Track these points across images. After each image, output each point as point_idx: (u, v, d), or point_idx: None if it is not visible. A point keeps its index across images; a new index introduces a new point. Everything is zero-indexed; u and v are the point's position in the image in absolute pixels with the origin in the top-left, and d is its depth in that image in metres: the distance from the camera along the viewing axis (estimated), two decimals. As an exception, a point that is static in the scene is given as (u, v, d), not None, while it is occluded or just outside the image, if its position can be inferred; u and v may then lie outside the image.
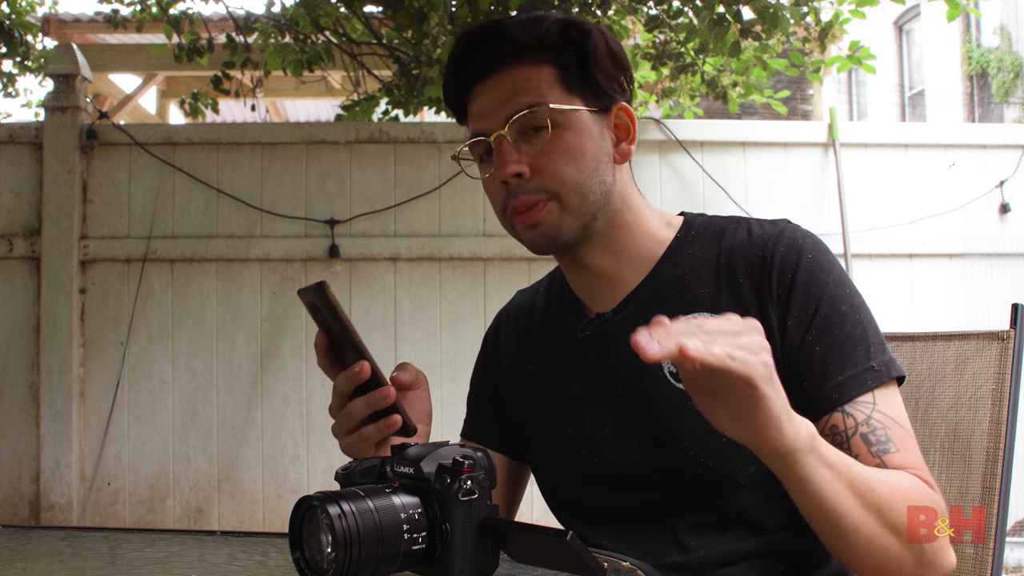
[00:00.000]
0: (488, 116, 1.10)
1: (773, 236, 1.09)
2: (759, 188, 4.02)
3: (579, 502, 1.15)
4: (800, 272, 1.05)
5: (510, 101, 1.08)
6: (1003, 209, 4.09)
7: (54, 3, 6.23)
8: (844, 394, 1.00)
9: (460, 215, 3.92)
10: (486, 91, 1.10)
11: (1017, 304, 1.23)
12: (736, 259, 1.09)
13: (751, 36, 3.81)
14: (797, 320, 1.04)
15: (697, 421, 1.01)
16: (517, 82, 1.08)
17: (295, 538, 0.77)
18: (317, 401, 3.87)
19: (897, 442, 0.98)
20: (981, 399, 1.21)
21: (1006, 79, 10.73)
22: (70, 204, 3.85)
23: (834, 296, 1.04)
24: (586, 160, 1.08)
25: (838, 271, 1.07)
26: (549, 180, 1.07)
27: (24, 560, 0.99)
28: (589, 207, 1.09)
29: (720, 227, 1.15)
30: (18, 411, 3.83)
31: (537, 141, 1.07)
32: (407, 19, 3.88)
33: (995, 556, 1.13)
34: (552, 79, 1.09)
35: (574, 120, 1.09)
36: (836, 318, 1.03)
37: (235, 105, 6.72)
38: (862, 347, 1.02)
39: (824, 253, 1.08)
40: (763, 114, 6.09)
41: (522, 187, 1.08)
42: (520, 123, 1.07)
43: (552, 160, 1.07)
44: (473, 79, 1.11)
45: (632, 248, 1.14)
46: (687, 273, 1.12)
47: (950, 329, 1.29)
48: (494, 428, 1.25)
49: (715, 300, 1.08)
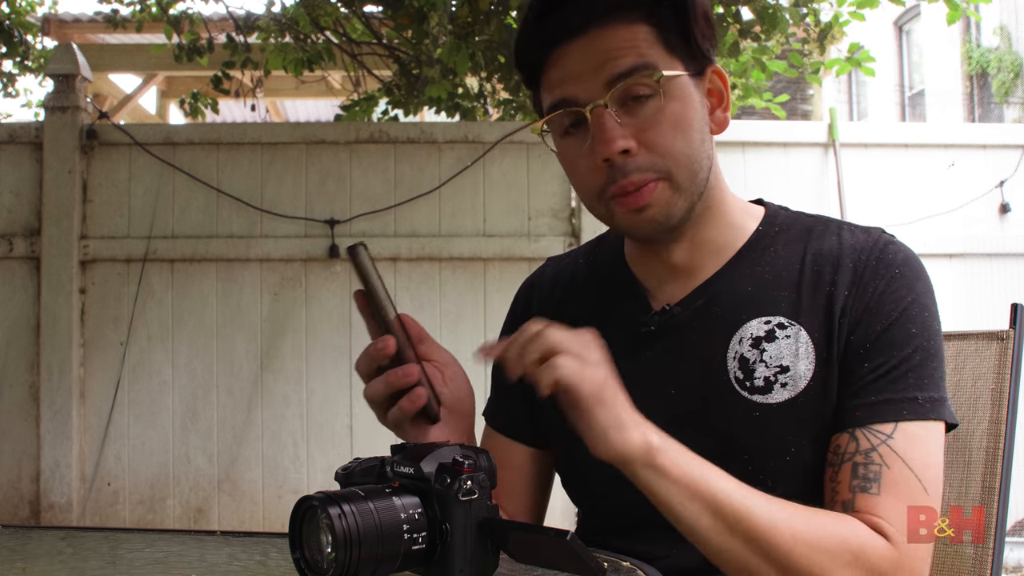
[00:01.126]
0: (579, 81, 0.96)
1: (867, 247, 1.00)
2: (759, 188, 4.00)
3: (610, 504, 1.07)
4: (881, 285, 0.98)
5: (609, 64, 0.95)
6: (1003, 209, 4.09)
7: (54, 3, 6.23)
8: (867, 416, 0.93)
9: (460, 215, 3.92)
10: (574, 53, 0.96)
11: (1017, 304, 1.23)
12: (823, 264, 1.01)
13: (750, 37, 3.81)
14: (862, 335, 0.96)
15: (761, 435, 0.98)
16: (614, 42, 0.95)
17: (295, 538, 0.77)
18: (317, 401, 3.87)
19: (886, 484, 0.90)
20: (981, 399, 1.21)
21: (1006, 79, 10.73)
22: (70, 204, 3.85)
23: (908, 316, 0.96)
24: (693, 131, 0.98)
25: (923, 290, 0.99)
26: (660, 157, 0.96)
27: (24, 560, 0.99)
28: (698, 185, 0.99)
29: (807, 227, 1.05)
30: (18, 411, 3.83)
31: (641, 112, 0.96)
32: (407, 19, 3.88)
33: (995, 556, 1.13)
34: (652, 39, 0.96)
35: (679, 86, 0.97)
36: (901, 339, 0.96)
37: (235, 105, 6.71)
38: (914, 375, 0.94)
39: (913, 269, 1.00)
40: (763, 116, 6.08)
41: (630, 165, 0.95)
42: (622, 91, 0.95)
43: (661, 133, 0.95)
44: (557, 39, 0.97)
45: (713, 235, 1.05)
46: (767, 272, 1.03)
47: (950, 329, 1.29)
48: (517, 415, 1.15)
49: (795, 308, 1.00)
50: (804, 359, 0.98)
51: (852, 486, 0.92)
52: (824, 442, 0.97)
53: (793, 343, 0.98)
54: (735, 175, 4.04)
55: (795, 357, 0.98)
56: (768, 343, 0.99)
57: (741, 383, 0.99)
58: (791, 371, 0.98)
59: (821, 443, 0.97)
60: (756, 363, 0.99)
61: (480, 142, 3.91)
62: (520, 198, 3.87)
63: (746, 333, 1.00)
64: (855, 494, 0.91)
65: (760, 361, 0.99)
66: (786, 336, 0.99)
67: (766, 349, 0.99)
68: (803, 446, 0.98)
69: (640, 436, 0.86)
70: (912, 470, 0.91)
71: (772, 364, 0.98)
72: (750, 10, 3.70)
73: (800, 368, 0.98)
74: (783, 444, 0.98)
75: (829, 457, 0.96)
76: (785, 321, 1.00)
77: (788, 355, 0.98)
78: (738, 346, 1.00)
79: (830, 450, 0.96)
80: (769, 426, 0.98)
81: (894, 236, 1.04)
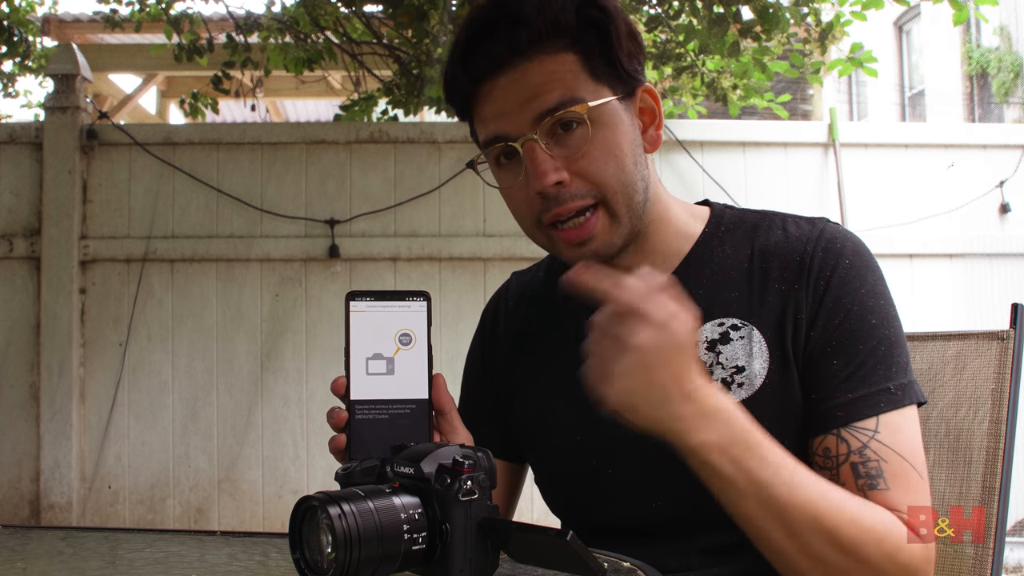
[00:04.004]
0: (509, 117, 0.98)
1: (812, 239, 1.01)
2: (759, 188, 4.02)
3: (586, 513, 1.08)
4: (834, 279, 0.98)
5: (536, 99, 0.96)
6: (1003, 209, 4.09)
7: (54, 3, 6.23)
8: (849, 415, 0.94)
9: (460, 215, 3.92)
10: (501, 88, 0.98)
11: (1017, 304, 1.23)
12: (770, 261, 1.02)
13: (750, 36, 3.80)
14: (822, 330, 0.97)
15: None
16: (539, 76, 0.96)
17: (295, 538, 0.77)
18: (317, 401, 3.87)
19: (890, 478, 0.92)
20: (981, 399, 1.21)
21: (1006, 79, 10.72)
22: (70, 204, 3.85)
23: (864, 307, 0.98)
24: (625, 156, 0.98)
25: (875, 279, 1.00)
26: (593, 184, 0.97)
27: (24, 560, 0.99)
28: (635, 209, 1.00)
29: (752, 223, 1.06)
30: (18, 411, 3.83)
31: (571, 140, 0.97)
32: (407, 17, 3.88)
33: (995, 556, 1.13)
34: (578, 69, 0.97)
35: (607, 112, 0.97)
36: (863, 332, 0.97)
37: (235, 105, 6.72)
38: (883, 366, 0.96)
39: (863, 258, 1.01)
40: (764, 116, 6.08)
41: (564, 195, 0.97)
42: (551, 123, 0.96)
43: (593, 162, 0.97)
44: (483, 73, 0.98)
45: (660, 244, 1.05)
46: (716, 274, 1.04)
47: (950, 329, 1.29)
48: (489, 430, 1.14)
49: (746, 306, 1.01)
50: (758, 358, 0.99)
51: (860, 485, 0.93)
52: (792, 437, 0.97)
53: (747, 343, 1.00)
54: (735, 175, 4.04)
55: (749, 357, 0.99)
56: (723, 345, 1.01)
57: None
58: (747, 371, 0.99)
59: (789, 438, 0.97)
60: (713, 365, 1.00)
61: (480, 142, 3.91)
62: (520, 198, 3.86)
63: (700, 337, 1.01)
64: (866, 492, 0.92)
65: (716, 363, 1.00)
66: (740, 337, 1.00)
67: (721, 351, 1.00)
68: None
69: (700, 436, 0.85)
70: (906, 459, 0.93)
71: (728, 365, 1.00)
72: (750, 10, 3.69)
73: (755, 367, 0.99)
74: None
75: (820, 461, 0.96)
76: (738, 322, 1.01)
77: (743, 355, 1.00)
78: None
79: (818, 454, 0.96)
80: None
81: (839, 224, 1.05)
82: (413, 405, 0.93)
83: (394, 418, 0.92)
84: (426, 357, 0.93)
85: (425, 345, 0.93)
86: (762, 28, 3.73)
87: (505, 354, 1.17)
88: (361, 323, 0.92)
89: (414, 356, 0.93)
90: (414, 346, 0.93)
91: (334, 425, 0.94)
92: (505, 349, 1.17)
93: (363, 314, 0.92)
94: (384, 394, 0.92)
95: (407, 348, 0.93)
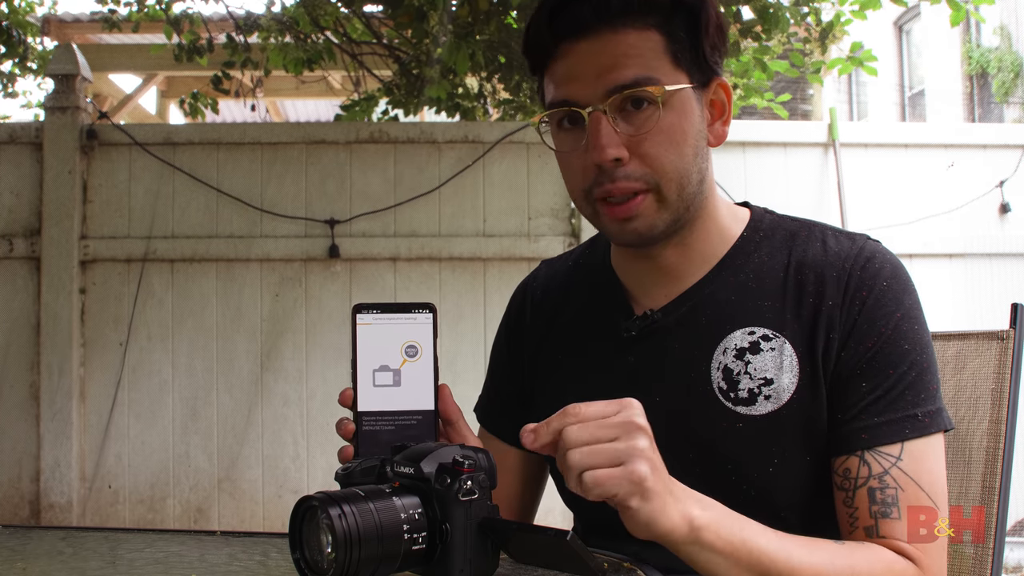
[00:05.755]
0: (582, 83, 0.96)
1: (851, 256, 0.99)
2: (759, 188, 4.02)
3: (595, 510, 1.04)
4: (870, 299, 0.97)
5: (613, 71, 0.94)
6: (1003, 209, 4.09)
7: (54, 3, 6.23)
8: (873, 438, 0.94)
9: (460, 215, 3.92)
10: (581, 52, 0.96)
11: (1017, 304, 1.22)
12: (807, 274, 1.00)
13: (750, 36, 3.81)
14: (853, 351, 0.96)
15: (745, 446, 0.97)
16: (622, 49, 0.95)
17: (295, 538, 0.77)
18: (317, 401, 3.87)
19: (905, 509, 0.92)
20: (981, 399, 1.21)
21: (1006, 79, 10.72)
22: (70, 204, 3.85)
23: (898, 331, 0.96)
24: (687, 145, 0.97)
25: (911, 303, 0.98)
26: (651, 168, 0.96)
27: (24, 560, 0.99)
28: (685, 199, 0.98)
29: (791, 232, 1.05)
30: (18, 411, 3.83)
31: (638, 121, 0.95)
32: (407, 18, 3.88)
33: (995, 556, 1.13)
34: (660, 49, 0.96)
35: (680, 99, 0.96)
36: (895, 356, 0.96)
37: (235, 105, 6.72)
38: (912, 392, 0.95)
39: (900, 280, 0.99)
40: (764, 116, 6.08)
41: (619, 172, 0.96)
42: (623, 98, 0.95)
43: (655, 145, 0.95)
44: (566, 33, 0.96)
45: (700, 242, 1.04)
46: (751, 280, 1.02)
47: (950, 329, 1.29)
48: (512, 418, 1.13)
49: (779, 317, 0.99)
50: (788, 372, 0.98)
51: (872, 512, 0.93)
52: (816, 454, 0.98)
53: (778, 356, 0.99)
54: (735, 175, 4.04)
55: (779, 370, 0.98)
56: (752, 355, 0.99)
57: (725, 394, 0.99)
58: (775, 384, 0.98)
59: (813, 454, 0.97)
60: (740, 375, 0.99)
61: (480, 142, 3.91)
62: (520, 198, 3.87)
63: (730, 344, 1.00)
64: (877, 520, 0.92)
65: (744, 373, 0.99)
66: (771, 348, 0.99)
67: (751, 361, 0.99)
68: (788, 457, 0.98)
69: (680, 517, 0.82)
70: (923, 489, 0.93)
71: (756, 376, 0.99)
72: (751, 9, 3.69)
73: (784, 381, 0.98)
74: (767, 456, 0.98)
75: (838, 480, 0.96)
76: (770, 333, 1.00)
77: (772, 368, 0.98)
78: (722, 357, 1.00)
79: (838, 473, 0.96)
80: (753, 438, 0.98)
81: (879, 243, 1.03)
82: (420, 416, 0.94)
83: (401, 429, 0.93)
84: (432, 368, 0.94)
85: (431, 356, 0.94)
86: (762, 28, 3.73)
87: (531, 344, 1.16)
88: (368, 336, 0.93)
89: (420, 368, 0.94)
90: (420, 358, 0.94)
91: (342, 436, 0.95)
92: (531, 339, 1.17)
93: (369, 327, 0.93)
94: (391, 405, 0.93)
95: (413, 360, 0.94)
